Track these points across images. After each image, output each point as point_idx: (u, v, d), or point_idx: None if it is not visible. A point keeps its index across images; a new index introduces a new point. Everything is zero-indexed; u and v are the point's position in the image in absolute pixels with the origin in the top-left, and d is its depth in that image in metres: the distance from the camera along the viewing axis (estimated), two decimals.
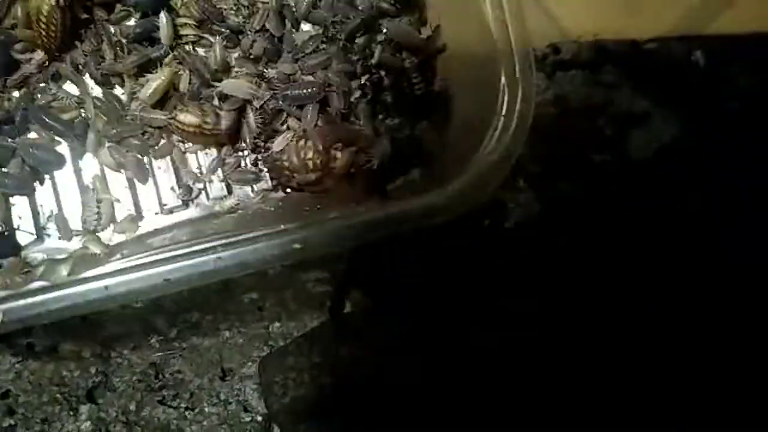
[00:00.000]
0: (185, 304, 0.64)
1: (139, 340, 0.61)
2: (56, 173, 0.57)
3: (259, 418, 0.58)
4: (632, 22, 0.98)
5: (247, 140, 0.57)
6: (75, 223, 0.56)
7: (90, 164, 0.58)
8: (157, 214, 0.57)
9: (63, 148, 0.58)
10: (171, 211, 0.58)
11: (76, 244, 0.54)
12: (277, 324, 0.65)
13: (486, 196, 0.49)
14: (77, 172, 0.57)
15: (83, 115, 0.57)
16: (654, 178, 0.89)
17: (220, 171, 0.58)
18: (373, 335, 0.52)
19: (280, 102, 0.56)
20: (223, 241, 0.47)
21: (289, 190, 0.57)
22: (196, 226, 0.55)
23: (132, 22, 0.58)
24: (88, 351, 0.59)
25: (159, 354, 0.61)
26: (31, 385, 0.57)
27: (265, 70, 0.58)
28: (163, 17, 0.55)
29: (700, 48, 0.97)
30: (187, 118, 0.53)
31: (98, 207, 0.55)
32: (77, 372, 0.58)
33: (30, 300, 0.43)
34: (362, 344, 0.51)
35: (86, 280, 0.44)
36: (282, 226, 0.47)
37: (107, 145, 0.56)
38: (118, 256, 0.49)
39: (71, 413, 0.57)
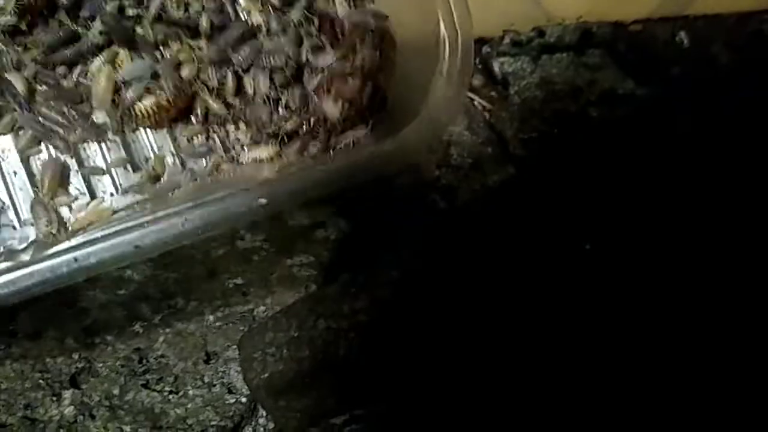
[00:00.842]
0: (170, 289, 0.63)
1: (122, 327, 0.61)
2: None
3: (244, 399, 0.58)
4: (616, 4, 0.98)
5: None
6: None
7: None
8: (112, 195, 0.57)
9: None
10: (126, 192, 0.57)
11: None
12: (262, 308, 0.65)
13: (442, 131, 0.49)
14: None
15: None
16: (640, 158, 0.89)
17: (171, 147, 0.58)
18: (350, 308, 0.52)
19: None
20: (189, 205, 0.46)
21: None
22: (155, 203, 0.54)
23: None
24: (71, 337, 0.59)
25: (143, 339, 0.60)
26: (13, 371, 0.57)
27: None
28: None
29: (683, 29, 0.98)
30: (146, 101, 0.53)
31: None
32: (60, 358, 0.58)
33: None
34: (340, 317, 0.51)
35: (55, 254, 0.43)
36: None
37: None
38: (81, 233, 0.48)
39: (54, 398, 0.57)
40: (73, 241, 0.45)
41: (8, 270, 0.43)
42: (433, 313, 0.54)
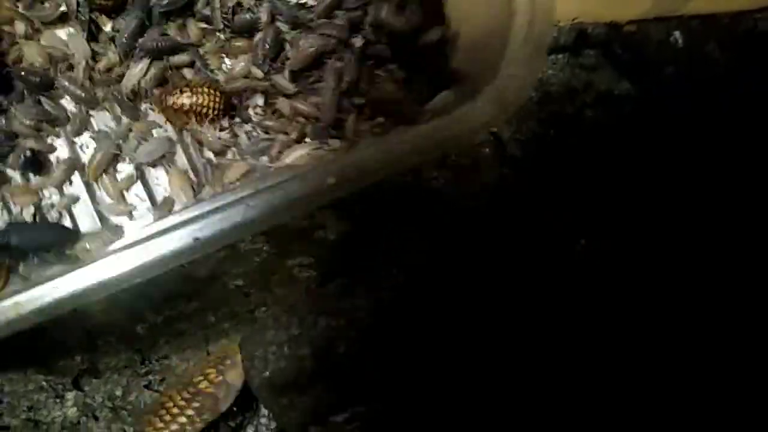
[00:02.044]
0: (173, 292, 0.64)
1: (124, 328, 0.62)
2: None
3: (245, 399, 0.59)
4: (610, 5, 0.99)
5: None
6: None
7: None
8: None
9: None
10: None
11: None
12: (263, 308, 0.65)
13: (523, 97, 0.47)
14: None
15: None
16: (636, 158, 0.90)
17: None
18: (350, 306, 0.52)
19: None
20: (250, 191, 0.44)
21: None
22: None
23: None
24: (74, 339, 0.60)
25: (145, 341, 0.61)
26: (16, 373, 0.57)
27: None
28: None
29: (678, 29, 0.99)
30: (187, 99, 0.53)
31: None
32: (63, 360, 0.59)
33: (59, 283, 0.43)
34: (340, 315, 0.52)
35: (112, 252, 0.43)
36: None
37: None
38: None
39: (57, 400, 0.57)
40: (131, 237, 0.44)
41: (66, 272, 0.42)
42: (432, 311, 0.55)
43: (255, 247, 0.66)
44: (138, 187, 0.58)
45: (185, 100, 0.53)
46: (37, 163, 0.57)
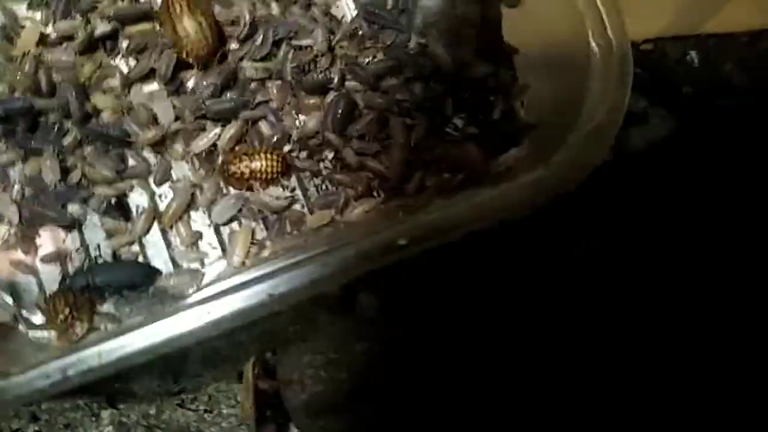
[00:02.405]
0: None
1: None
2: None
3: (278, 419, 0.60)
4: (627, 24, 1.00)
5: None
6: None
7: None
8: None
9: None
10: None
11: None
12: (293, 327, 0.66)
13: (588, 170, 0.47)
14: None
15: None
16: (652, 176, 0.91)
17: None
18: (387, 331, 0.53)
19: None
20: (322, 249, 0.45)
21: None
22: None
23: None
24: None
25: (176, 358, 0.62)
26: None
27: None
28: None
29: (694, 48, 1.00)
30: (246, 168, 0.56)
31: None
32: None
33: (133, 336, 0.44)
34: (377, 340, 0.52)
35: (185, 307, 0.44)
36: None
37: None
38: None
39: (93, 418, 0.58)
40: (207, 292, 0.45)
41: (137, 326, 0.44)
42: (465, 337, 0.55)
43: None
44: (211, 236, 0.59)
45: (244, 168, 0.56)
46: (121, 209, 0.59)
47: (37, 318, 0.55)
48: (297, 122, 0.61)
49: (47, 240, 0.57)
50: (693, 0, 1.00)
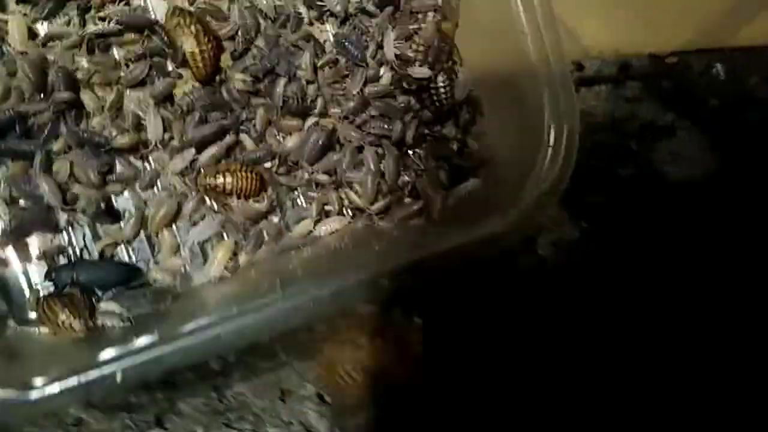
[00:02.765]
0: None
1: (200, 365, 0.63)
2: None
3: None
4: (652, 37, 1.00)
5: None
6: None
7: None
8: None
9: None
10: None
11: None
12: (329, 343, 0.67)
13: (536, 224, 0.50)
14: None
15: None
16: (680, 190, 0.91)
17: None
18: (432, 358, 0.54)
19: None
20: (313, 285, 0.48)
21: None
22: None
23: None
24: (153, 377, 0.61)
25: (220, 378, 0.63)
26: (102, 412, 0.59)
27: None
28: None
29: (719, 61, 1.00)
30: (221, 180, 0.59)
31: None
32: (145, 398, 0.60)
33: (145, 356, 0.44)
34: (429, 366, 0.53)
35: (197, 329, 0.45)
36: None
37: None
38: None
39: None
40: (203, 320, 0.46)
41: (152, 346, 0.45)
42: (517, 363, 0.56)
43: None
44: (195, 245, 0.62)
45: (219, 182, 0.59)
46: (111, 213, 0.61)
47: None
48: (278, 139, 0.65)
49: (34, 239, 0.59)
50: (718, 13, 1.01)
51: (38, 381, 0.43)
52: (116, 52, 0.63)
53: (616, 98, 1.00)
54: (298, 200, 0.65)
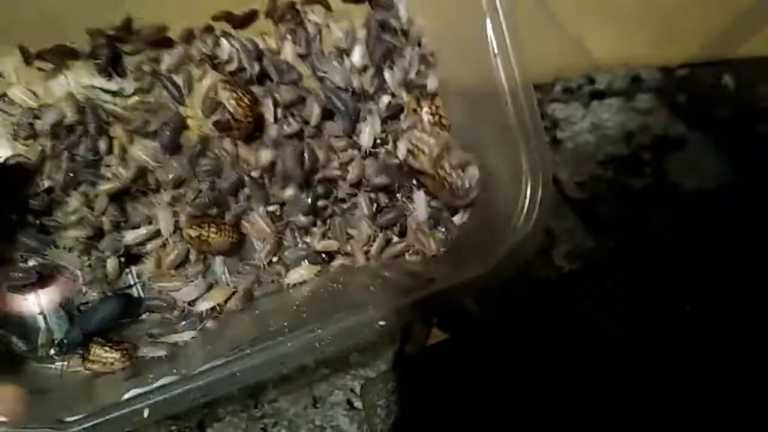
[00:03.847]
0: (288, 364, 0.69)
1: None
2: None
3: None
4: (662, 50, 1.03)
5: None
6: None
7: None
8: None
9: None
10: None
11: None
12: (355, 354, 0.71)
13: (518, 268, 0.54)
14: None
15: None
16: (692, 200, 0.93)
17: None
18: (467, 363, 0.57)
19: None
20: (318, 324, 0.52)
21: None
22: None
23: None
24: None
25: (255, 385, 0.66)
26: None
27: None
28: None
29: (728, 72, 1.03)
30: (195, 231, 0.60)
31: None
32: None
33: (171, 393, 0.48)
34: (458, 373, 0.56)
35: (215, 369, 0.49)
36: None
37: None
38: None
39: None
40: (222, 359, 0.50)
41: (176, 384, 0.48)
42: (535, 372, 0.59)
43: None
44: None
45: (195, 234, 0.59)
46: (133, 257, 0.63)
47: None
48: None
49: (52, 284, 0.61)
50: (726, 25, 1.03)
51: (69, 418, 0.46)
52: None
53: (627, 111, 1.03)
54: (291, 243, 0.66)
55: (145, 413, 0.47)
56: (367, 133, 0.64)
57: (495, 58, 0.53)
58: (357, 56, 0.65)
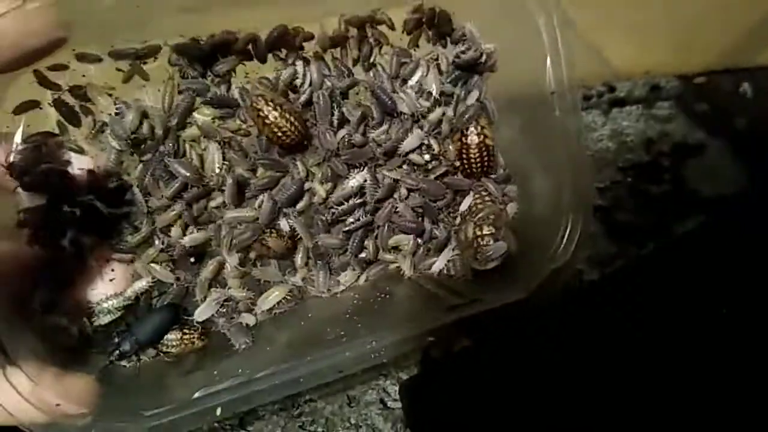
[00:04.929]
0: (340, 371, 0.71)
1: None
2: None
3: None
4: (681, 58, 1.05)
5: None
6: None
7: None
8: None
9: None
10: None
11: None
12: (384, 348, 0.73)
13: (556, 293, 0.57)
14: None
15: None
16: (711, 206, 0.95)
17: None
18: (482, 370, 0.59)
19: None
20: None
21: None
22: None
23: None
24: None
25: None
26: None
27: None
28: None
29: (747, 80, 1.04)
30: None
31: None
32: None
33: (240, 393, 0.51)
34: (484, 375, 0.59)
35: (280, 373, 0.52)
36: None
37: None
38: None
39: None
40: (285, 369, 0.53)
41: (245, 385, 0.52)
42: (558, 376, 0.61)
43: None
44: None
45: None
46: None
47: None
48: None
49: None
50: (744, 35, 1.05)
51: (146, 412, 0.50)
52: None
53: (647, 118, 1.05)
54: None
55: (218, 412, 0.50)
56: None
57: (552, 96, 0.55)
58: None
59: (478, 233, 0.63)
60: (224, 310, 0.63)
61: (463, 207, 0.67)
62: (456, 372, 0.67)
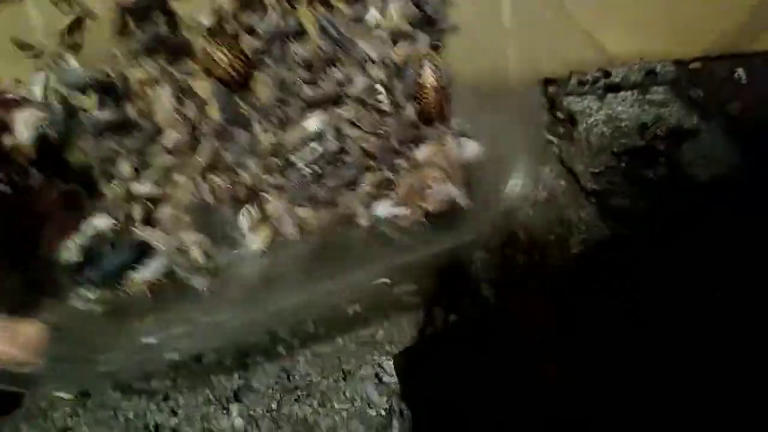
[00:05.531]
0: (301, 316, 0.73)
1: (267, 348, 0.70)
2: None
3: (383, 413, 0.67)
4: (676, 43, 1.06)
5: None
6: None
7: None
8: None
9: None
10: None
11: None
12: (381, 332, 0.74)
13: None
14: None
15: None
16: (706, 191, 0.96)
17: None
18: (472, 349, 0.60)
19: None
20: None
21: None
22: None
23: None
24: (228, 359, 0.69)
25: (286, 360, 0.70)
26: (186, 389, 0.66)
27: None
28: None
29: (741, 66, 1.05)
30: None
31: None
32: (222, 377, 0.68)
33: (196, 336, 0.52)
34: (474, 355, 0.59)
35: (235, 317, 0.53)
36: None
37: None
38: None
39: (224, 412, 0.66)
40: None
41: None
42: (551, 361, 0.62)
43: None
44: None
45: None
46: None
47: None
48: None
49: None
50: (739, 20, 1.05)
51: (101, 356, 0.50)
52: None
53: (642, 103, 1.05)
54: None
55: (176, 356, 0.51)
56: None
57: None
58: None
59: (431, 176, 0.63)
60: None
61: (420, 154, 0.67)
62: (452, 346, 0.68)
